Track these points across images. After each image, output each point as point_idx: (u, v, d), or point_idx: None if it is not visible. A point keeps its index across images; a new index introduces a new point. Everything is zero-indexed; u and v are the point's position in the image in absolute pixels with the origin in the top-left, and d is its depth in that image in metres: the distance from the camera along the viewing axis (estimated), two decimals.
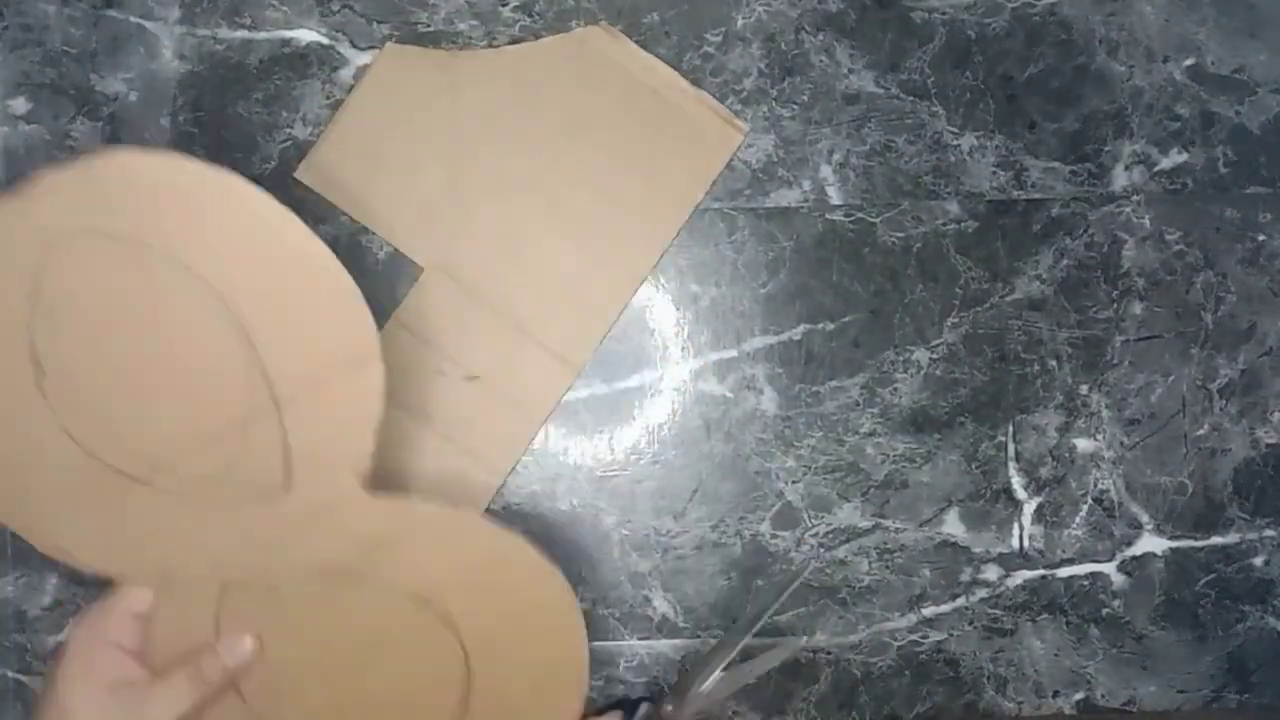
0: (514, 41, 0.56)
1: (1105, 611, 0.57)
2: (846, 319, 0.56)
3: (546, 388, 0.56)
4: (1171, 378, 0.57)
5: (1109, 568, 0.57)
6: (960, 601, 0.57)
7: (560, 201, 0.56)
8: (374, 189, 0.55)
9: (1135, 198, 0.57)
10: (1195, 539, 0.57)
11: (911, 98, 0.56)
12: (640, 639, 0.56)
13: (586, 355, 0.56)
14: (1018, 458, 0.57)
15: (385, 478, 0.49)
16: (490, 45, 0.56)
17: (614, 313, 0.56)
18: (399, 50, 0.55)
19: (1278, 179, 0.57)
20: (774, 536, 0.56)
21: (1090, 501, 0.57)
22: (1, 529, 0.55)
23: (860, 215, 0.56)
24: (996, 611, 0.57)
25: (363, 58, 0.55)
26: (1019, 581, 0.57)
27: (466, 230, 0.55)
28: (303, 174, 0.55)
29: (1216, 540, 0.57)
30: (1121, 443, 0.57)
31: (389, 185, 0.55)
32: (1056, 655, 0.57)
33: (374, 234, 0.55)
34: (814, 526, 0.56)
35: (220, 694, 0.46)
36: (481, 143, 0.55)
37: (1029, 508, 0.57)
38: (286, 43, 0.56)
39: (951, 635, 0.57)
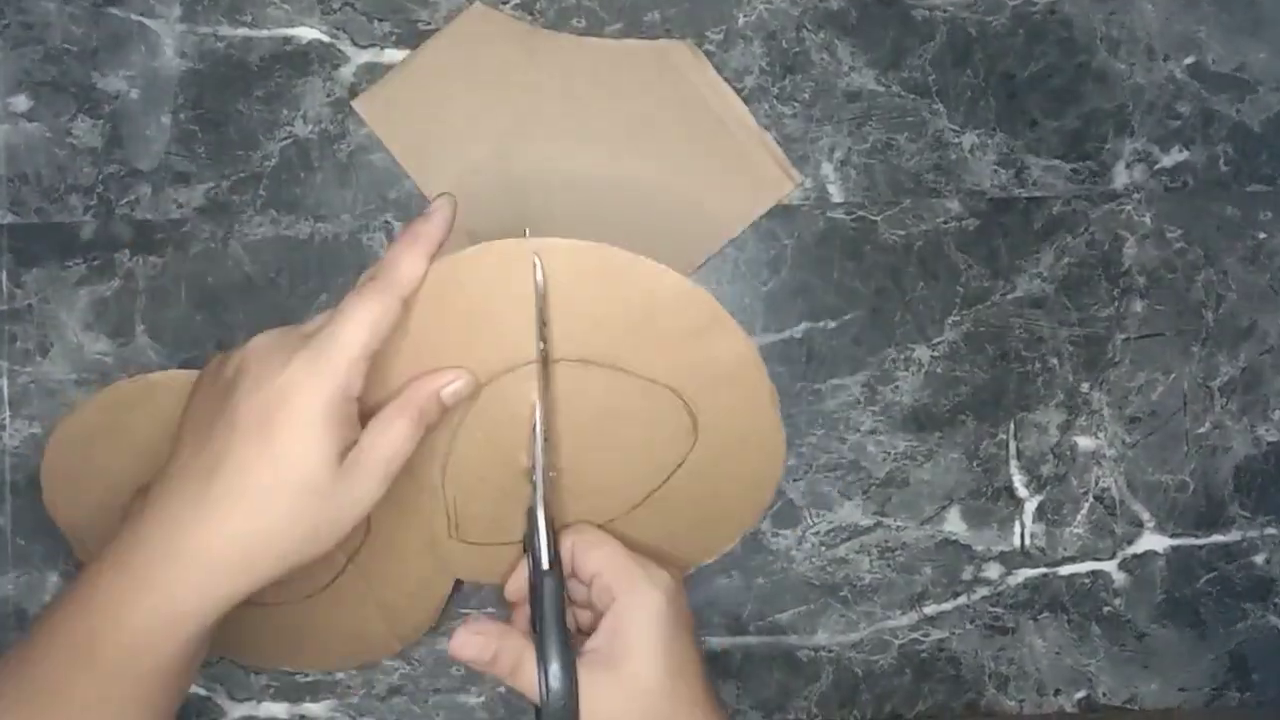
0: None
1: (1106, 609, 0.57)
2: (847, 317, 0.56)
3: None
4: (1172, 375, 0.57)
5: (1110, 566, 0.57)
6: (961, 600, 0.57)
7: (600, 202, 0.55)
8: (424, 138, 0.55)
9: (1136, 196, 0.57)
10: (1196, 537, 0.57)
11: (913, 95, 0.56)
12: None
13: None
14: (1019, 456, 0.57)
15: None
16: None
17: None
18: (485, 11, 0.55)
19: (1278, 177, 0.57)
20: (775, 534, 0.56)
21: (1091, 499, 0.57)
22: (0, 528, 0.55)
23: (861, 213, 0.56)
24: (998, 610, 0.57)
25: (364, 55, 0.55)
26: (1020, 580, 0.57)
27: (501, 203, 0.55)
28: (360, 104, 0.55)
29: (1218, 538, 0.57)
30: (1123, 441, 0.57)
31: (440, 139, 0.55)
32: (1058, 653, 0.57)
33: (375, 233, 0.55)
34: (815, 524, 0.56)
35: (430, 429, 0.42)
36: (541, 124, 0.55)
37: (1030, 506, 0.57)
38: (287, 40, 0.56)
39: (953, 633, 0.57)
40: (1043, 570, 0.57)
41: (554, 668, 0.41)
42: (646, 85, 0.55)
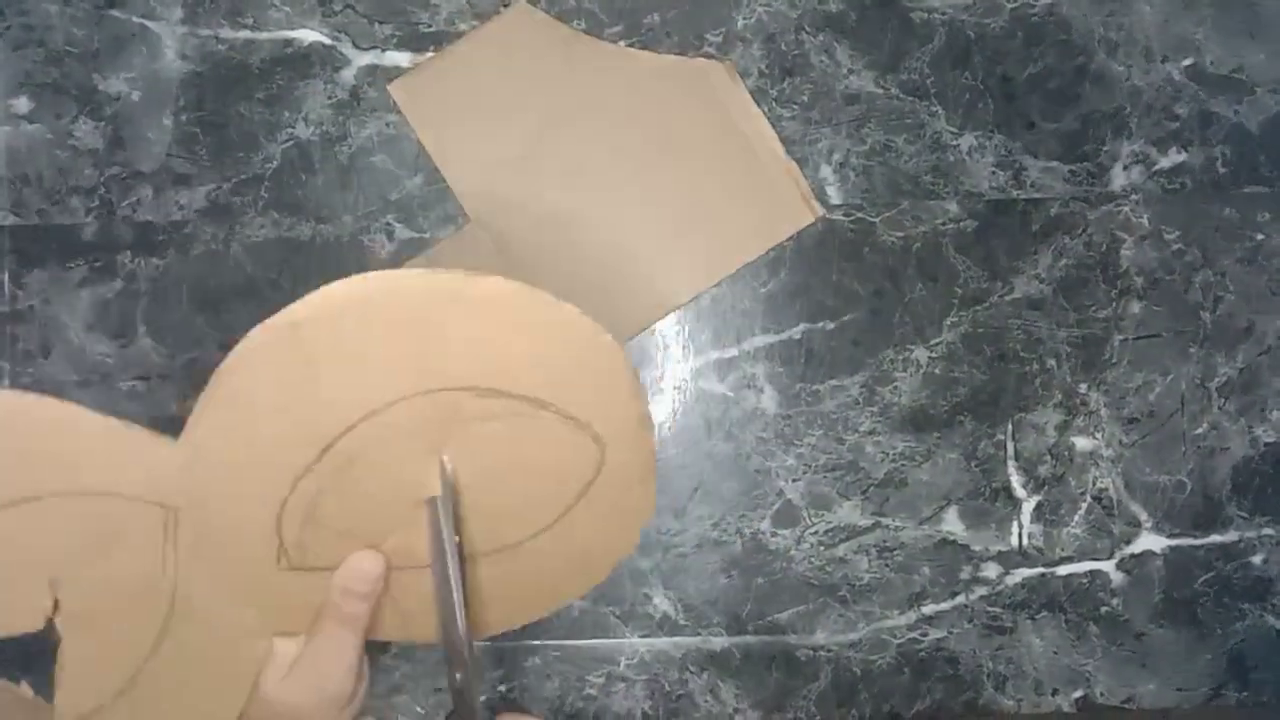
0: None
1: (1104, 609, 0.57)
2: (846, 318, 0.57)
3: None
4: (1170, 376, 0.57)
5: (1108, 566, 0.57)
6: (960, 599, 0.57)
7: (622, 211, 0.56)
8: (454, 128, 0.56)
9: (1134, 197, 0.57)
10: (1194, 537, 0.57)
11: (911, 98, 0.56)
12: (641, 636, 0.57)
13: None
14: (1017, 456, 0.57)
15: None
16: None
17: (633, 333, 0.56)
18: (528, 10, 0.55)
19: (1276, 178, 0.57)
20: (774, 534, 0.56)
21: (1089, 500, 0.57)
22: None
23: (860, 215, 0.56)
24: (996, 609, 0.57)
25: (364, 58, 0.56)
26: (1018, 579, 0.57)
27: (525, 201, 0.55)
28: (395, 88, 0.55)
29: (1215, 538, 0.57)
30: (1120, 441, 0.57)
31: (470, 131, 0.55)
32: (1055, 653, 0.57)
33: (375, 234, 0.56)
34: (814, 524, 0.57)
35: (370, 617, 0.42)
36: (571, 127, 0.56)
37: (1028, 506, 0.57)
38: (289, 43, 0.56)
39: (951, 633, 0.57)
40: (1040, 570, 0.57)
41: None
42: (680, 102, 0.56)
